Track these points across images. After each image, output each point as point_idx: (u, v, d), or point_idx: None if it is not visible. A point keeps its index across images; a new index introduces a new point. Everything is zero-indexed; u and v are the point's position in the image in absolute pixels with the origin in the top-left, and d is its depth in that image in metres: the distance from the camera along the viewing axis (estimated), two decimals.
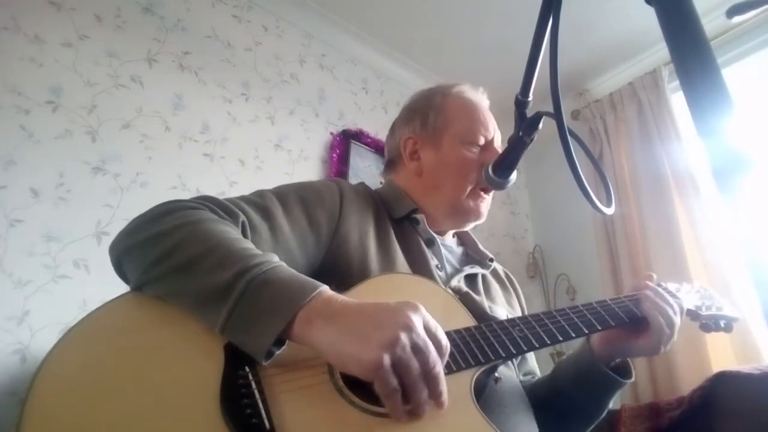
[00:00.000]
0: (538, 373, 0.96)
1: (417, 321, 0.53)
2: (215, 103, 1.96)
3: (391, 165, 1.05)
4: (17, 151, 1.46)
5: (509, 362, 0.82)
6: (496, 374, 0.70)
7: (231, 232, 0.64)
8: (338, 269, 0.76)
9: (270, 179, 1.98)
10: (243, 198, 0.77)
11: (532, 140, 0.79)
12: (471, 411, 0.59)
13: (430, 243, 0.91)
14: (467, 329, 0.68)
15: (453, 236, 1.04)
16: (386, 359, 0.50)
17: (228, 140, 1.95)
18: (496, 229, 2.87)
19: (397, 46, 2.60)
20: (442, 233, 0.99)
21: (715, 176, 0.34)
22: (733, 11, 0.56)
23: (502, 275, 1.06)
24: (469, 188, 0.92)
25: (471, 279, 0.94)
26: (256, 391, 0.52)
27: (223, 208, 0.70)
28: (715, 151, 0.34)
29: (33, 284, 1.38)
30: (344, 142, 2.27)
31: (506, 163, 0.84)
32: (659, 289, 0.85)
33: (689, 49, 0.37)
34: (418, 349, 0.52)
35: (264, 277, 0.56)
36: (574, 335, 0.74)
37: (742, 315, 0.95)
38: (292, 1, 2.31)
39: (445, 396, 0.55)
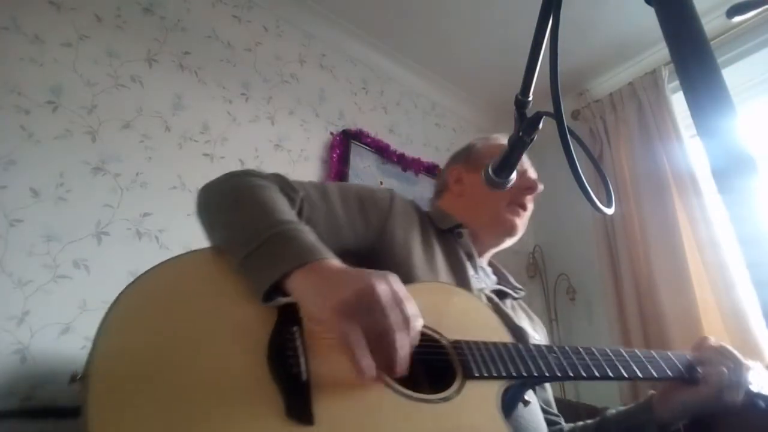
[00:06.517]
0: (554, 407, 0.97)
1: (382, 285, 0.54)
2: (215, 103, 1.96)
3: (437, 194, 1.19)
4: (17, 151, 1.46)
5: (534, 392, 0.82)
6: (525, 397, 0.70)
7: (281, 200, 0.74)
8: (382, 262, 0.82)
9: None
10: (308, 182, 0.87)
11: (532, 140, 0.79)
12: (495, 416, 0.60)
13: (470, 257, 0.98)
14: (504, 343, 0.70)
15: (489, 265, 1.10)
16: (341, 308, 0.53)
17: (228, 140, 1.95)
18: None
19: (397, 46, 2.60)
20: (480, 255, 1.06)
21: (715, 176, 0.34)
22: (733, 11, 0.56)
23: (529, 312, 1.10)
24: (508, 201, 1.04)
25: (501, 296, 0.99)
26: (300, 347, 0.57)
27: (287, 184, 0.81)
28: (715, 151, 0.34)
29: (33, 284, 1.38)
30: (344, 142, 2.27)
31: (506, 163, 0.84)
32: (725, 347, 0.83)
33: (689, 49, 0.37)
34: (373, 308, 0.53)
35: (285, 234, 0.63)
36: (612, 376, 0.71)
37: None
38: (292, 1, 2.31)
39: (400, 368, 0.54)
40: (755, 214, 0.32)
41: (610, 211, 0.66)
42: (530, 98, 0.75)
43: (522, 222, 1.07)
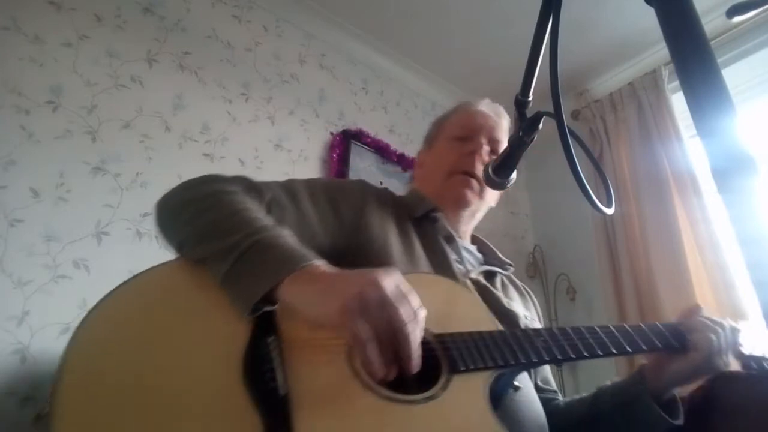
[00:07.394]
0: (553, 384, 0.96)
1: (386, 280, 0.54)
2: (215, 103, 1.96)
3: (409, 181, 1.23)
4: (17, 151, 1.46)
5: (529, 374, 0.81)
6: (515, 382, 0.69)
7: (251, 203, 0.71)
8: (359, 258, 0.80)
9: (270, 179, 1.98)
10: (273, 182, 0.84)
11: (532, 140, 0.79)
12: (483, 409, 0.59)
13: (450, 240, 0.96)
14: (489, 332, 0.68)
15: (472, 243, 1.09)
16: (351, 308, 0.52)
17: (228, 140, 1.95)
18: (496, 229, 2.87)
19: (397, 46, 2.60)
20: (461, 236, 1.04)
21: (715, 176, 0.34)
22: (733, 11, 0.56)
23: (520, 286, 1.09)
24: (448, 171, 1.02)
25: (490, 277, 0.97)
26: (277, 359, 0.56)
27: (253, 186, 0.78)
28: (715, 151, 0.34)
29: (33, 284, 1.38)
30: (344, 142, 2.27)
31: (506, 163, 0.84)
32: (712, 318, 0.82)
33: (689, 49, 0.37)
34: (383, 304, 0.52)
35: (266, 242, 0.61)
36: (601, 353, 0.71)
37: None
38: (292, 1, 2.31)
39: (415, 360, 0.54)
40: (755, 214, 0.32)
41: (610, 211, 0.66)
42: (530, 98, 0.75)
43: (472, 192, 1.00)
